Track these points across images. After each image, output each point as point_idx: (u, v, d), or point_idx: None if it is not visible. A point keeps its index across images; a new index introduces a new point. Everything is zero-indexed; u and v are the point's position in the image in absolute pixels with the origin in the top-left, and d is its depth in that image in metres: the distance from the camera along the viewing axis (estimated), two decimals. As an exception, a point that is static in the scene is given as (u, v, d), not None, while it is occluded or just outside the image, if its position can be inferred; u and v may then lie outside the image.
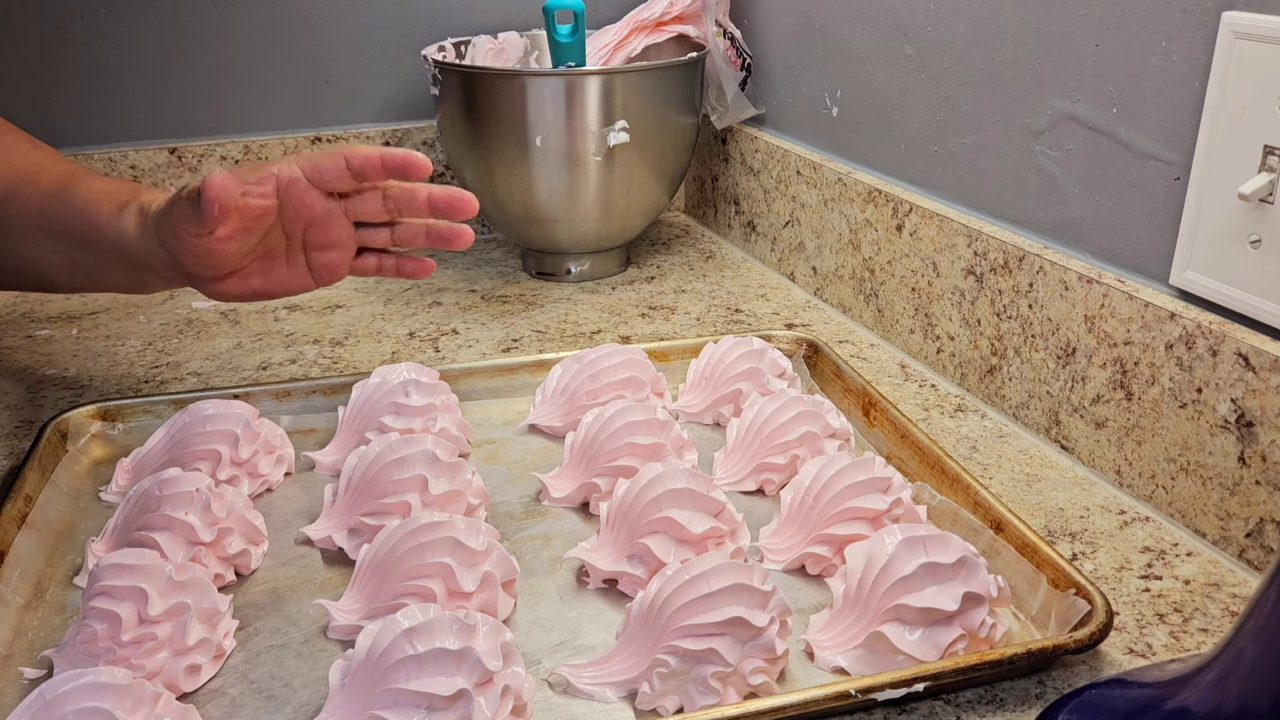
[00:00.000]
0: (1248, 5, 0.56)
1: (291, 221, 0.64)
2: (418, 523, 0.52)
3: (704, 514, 0.56)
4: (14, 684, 0.50)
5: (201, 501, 0.56)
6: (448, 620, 0.45)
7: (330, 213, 0.65)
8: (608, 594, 0.56)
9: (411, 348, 0.86)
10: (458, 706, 0.44)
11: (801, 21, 0.96)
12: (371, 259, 0.68)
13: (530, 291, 0.98)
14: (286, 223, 0.64)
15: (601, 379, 0.70)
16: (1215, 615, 0.54)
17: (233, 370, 0.82)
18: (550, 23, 0.96)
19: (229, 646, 0.51)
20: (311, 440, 0.71)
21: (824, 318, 0.91)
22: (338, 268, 0.67)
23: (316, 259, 0.67)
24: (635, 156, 0.93)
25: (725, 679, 0.47)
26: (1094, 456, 0.66)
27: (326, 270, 0.67)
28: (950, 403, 0.76)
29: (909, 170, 0.84)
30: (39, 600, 0.55)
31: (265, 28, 1.05)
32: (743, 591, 0.48)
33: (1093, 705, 0.45)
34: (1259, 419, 0.55)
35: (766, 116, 1.04)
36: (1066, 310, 0.67)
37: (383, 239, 0.68)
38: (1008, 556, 0.55)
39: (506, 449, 0.70)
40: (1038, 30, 0.69)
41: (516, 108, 0.90)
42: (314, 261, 0.67)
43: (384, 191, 0.66)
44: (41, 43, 1.00)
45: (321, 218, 0.65)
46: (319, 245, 0.66)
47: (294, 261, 0.66)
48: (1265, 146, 0.55)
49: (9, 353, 0.86)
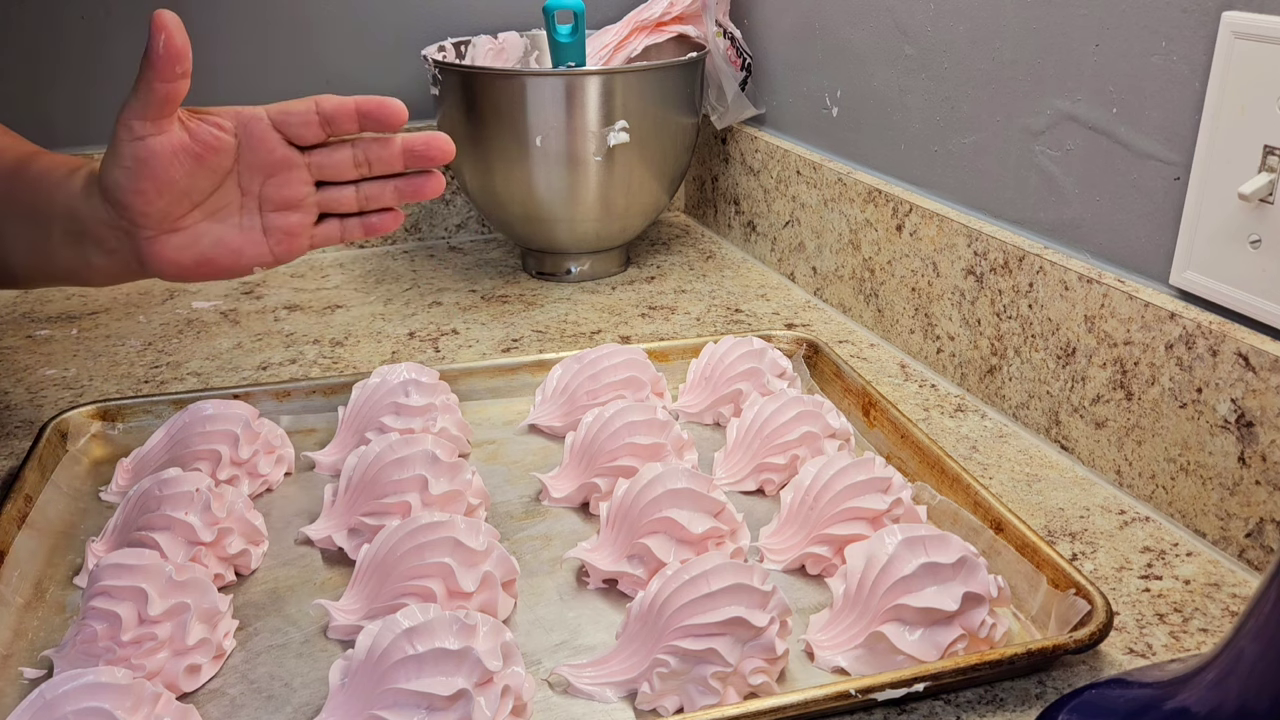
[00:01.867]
0: (1248, 5, 0.56)
1: (249, 170, 0.60)
2: (418, 523, 0.52)
3: (704, 514, 0.56)
4: (14, 684, 0.49)
5: (201, 501, 0.56)
6: (448, 620, 0.45)
7: (291, 163, 0.60)
8: (608, 594, 0.56)
9: (411, 348, 0.86)
10: (458, 706, 0.44)
11: (801, 21, 0.96)
12: (334, 225, 0.63)
13: (530, 291, 0.98)
14: (244, 171, 0.60)
15: (601, 379, 0.70)
16: (1215, 615, 0.54)
17: (233, 370, 0.82)
18: (550, 23, 0.96)
19: (229, 646, 0.51)
20: (311, 440, 0.71)
21: (824, 318, 0.91)
22: (296, 234, 0.62)
23: (274, 221, 0.61)
24: (635, 156, 0.93)
25: (725, 679, 0.47)
26: (1094, 456, 0.66)
27: (285, 236, 0.61)
28: (950, 403, 0.76)
29: (909, 170, 0.84)
30: (39, 600, 0.55)
31: (265, 28, 1.05)
32: (743, 591, 0.48)
33: (1093, 705, 0.45)
34: (1259, 419, 0.55)
35: (766, 116, 1.04)
36: (1066, 310, 0.67)
37: (348, 200, 0.62)
38: (1008, 556, 0.55)
39: (506, 449, 0.70)
40: (1038, 30, 0.69)
41: (516, 108, 0.90)
42: (270, 224, 0.61)
43: (353, 144, 0.61)
44: (42, 43, 1.00)
45: (282, 167, 0.60)
46: (277, 204, 0.61)
47: (248, 223, 0.61)
48: (1265, 146, 0.55)
49: (9, 353, 0.86)
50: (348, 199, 0.62)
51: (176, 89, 0.55)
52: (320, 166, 0.61)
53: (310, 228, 0.62)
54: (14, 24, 0.99)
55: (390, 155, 0.61)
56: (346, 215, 0.63)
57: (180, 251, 0.60)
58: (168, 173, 0.57)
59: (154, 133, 0.56)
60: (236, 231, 0.61)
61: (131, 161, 0.56)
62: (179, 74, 0.55)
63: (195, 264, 0.60)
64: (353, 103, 0.59)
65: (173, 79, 0.55)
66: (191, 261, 0.60)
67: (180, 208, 0.59)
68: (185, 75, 0.55)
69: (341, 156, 0.61)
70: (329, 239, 0.63)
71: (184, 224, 0.59)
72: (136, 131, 0.56)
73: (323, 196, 0.62)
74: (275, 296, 0.97)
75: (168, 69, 0.54)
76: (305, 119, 0.59)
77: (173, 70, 0.54)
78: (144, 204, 0.57)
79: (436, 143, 0.60)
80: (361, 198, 0.62)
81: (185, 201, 0.58)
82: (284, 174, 0.60)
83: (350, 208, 0.63)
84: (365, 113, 0.59)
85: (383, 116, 0.59)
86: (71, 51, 1.01)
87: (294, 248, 0.62)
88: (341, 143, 0.61)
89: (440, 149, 0.60)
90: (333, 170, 0.61)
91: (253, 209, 0.61)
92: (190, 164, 0.57)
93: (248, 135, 0.59)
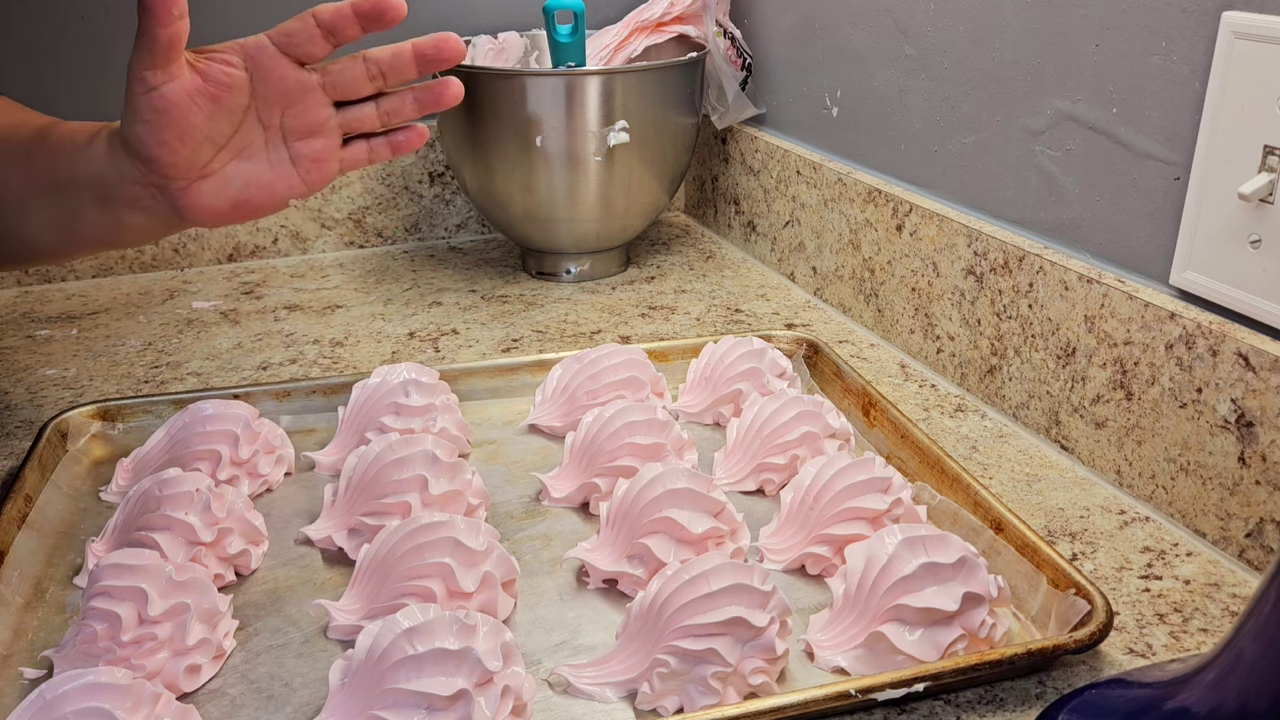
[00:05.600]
0: (1248, 5, 0.56)
1: (266, 103, 0.60)
2: (418, 523, 0.52)
3: (704, 514, 0.56)
4: (14, 684, 0.50)
5: (201, 501, 0.56)
6: (448, 620, 0.45)
7: (307, 86, 0.60)
8: (608, 594, 0.56)
9: (411, 348, 0.86)
10: (458, 706, 0.44)
11: (801, 21, 0.96)
12: (361, 147, 0.63)
13: (530, 291, 0.98)
14: (261, 105, 0.60)
15: (601, 379, 0.70)
16: (1215, 615, 0.54)
17: (233, 370, 0.82)
18: (550, 23, 0.96)
19: (229, 646, 0.51)
20: (311, 440, 0.71)
21: (824, 318, 0.91)
22: (325, 159, 0.61)
23: (300, 150, 0.61)
24: (635, 156, 0.93)
25: (725, 679, 0.47)
26: (1094, 456, 0.66)
27: (314, 164, 0.61)
28: (950, 403, 0.76)
29: (909, 170, 0.84)
30: (39, 600, 0.55)
31: (265, 28, 1.04)
32: (743, 591, 0.48)
33: (1093, 705, 0.45)
34: (1259, 419, 0.55)
35: (766, 116, 1.04)
36: (1066, 310, 0.67)
37: (369, 117, 0.62)
38: (1008, 556, 0.55)
39: (506, 449, 0.70)
40: (1038, 30, 0.69)
41: (516, 108, 0.90)
42: (297, 154, 0.61)
43: (364, 56, 0.60)
44: (42, 43, 1.00)
45: (297, 93, 0.60)
46: (300, 132, 0.61)
47: (276, 158, 0.61)
48: (1265, 146, 0.55)
49: (9, 353, 0.86)
50: (369, 116, 0.62)
51: (177, 31, 0.55)
52: (335, 85, 0.61)
53: (337, 151, 0.62)
54: (14, 24, 0.99)
55: (402, 62, 0.60)
56: (372, 136, 0.63)
57: (215, 197, 0.60)
58: (187, 118, 0.57)
59: (165, 80, 0.56)
60: (266, 167, 0.61)
61: (150, 114, 0.56)
62: (176, 16, 0.54)
63: (232, 206, 0.60)
64: (348, 5, 0.58)
65: (170, 22, 0.54)
66: (228, 205, 0.60)
67: (205, 152, 0.58)
68: (183, 16, 0.55)
69: (355, 72, 0.60)
70: (357, 161, 0.63)
71: (212, 168, 0.59)
72: (149, 82, 0.56)
73: (344, 117, 0.62)
74: (275, 296, 0.97)
75: (164, 12, 0.54)
76: (307, 35, 0.59)
77: (169, 13, 0.54)
78: (170, 154, 0.57)
79: (447, 43, 0.60)
80: (382, 113, 0.62)
81: (209, 145, 0.58)
82: (301, 100, 0.60)
83: (373, 126, 0.62)
84: (361, 12, 0.58)
85: (380, 11, 0.58)
86: (71, 52, 1.01)
87: (324, 174, 0.62)
88: (353, 59, 0.61)
89: (451, 49, 0.60)
90: (348, 87, 0.61)
91: (277, 142, 0.61)
92: (208, 106, 0.57)
93: (257, 67, 0.59)
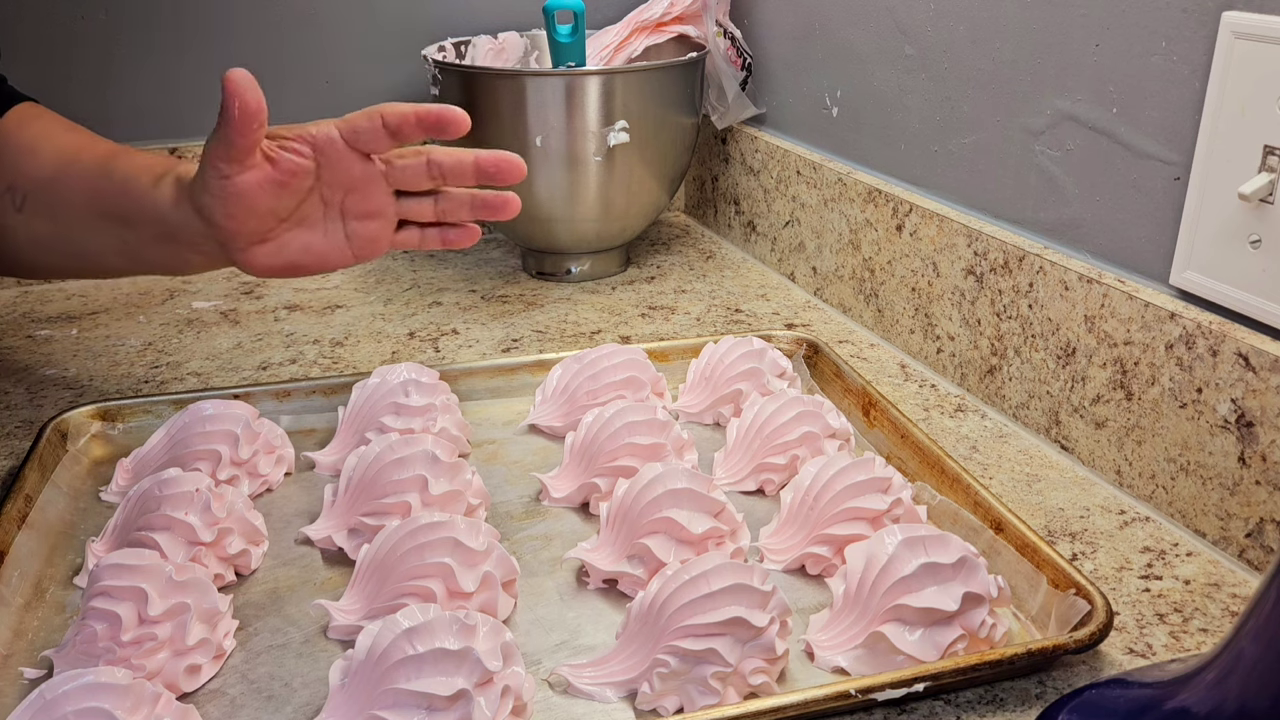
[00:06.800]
0: (1248, 5, 0.56)
1: (330, 187, 0.63)
2: (418, 523, 0.52)
3: (704, 514, 0.56)
4: (14, 684, 0.49)
5: (201, 501, 0.56)
6: (448, 620, 0.45)
7: (370, 177, 0.63)
8: (608, 594, 0.56)
9: (411, 348, 0.86)
10: (458, 706, 0.44)
11: (801, 21, 0.96)
12: (414, 232, 0.66)
13: (530, 291, 0.98)
14: (325, 188, 0.63)
15: (601, 379, 0.70)
16: (1215, 615, 0.54)
17: (233, 370, 0.82)
18: (550, 23, 0.96)
19: (229, 646, 0.51)
20: (311, 440, 0.71)
21: (824, 318, 0.91)
22: (378, 239, 0.65)
23: (355, 229, 0.64)
24: (635, 156, 0.93)
25: (725, 679, 0.47)
26: (1094, 456, 0.66)
27: (366, 242, 0.65)
28: (950, 403, 0.76)
29: (909, 170, 0.84)
30: (39, 600, 0.55)
31: (265, 28, 1.05)
32: (743, 591, 0.48)
33: (1093, 705, 0.45)
34: (1259, 419, 0.55)
35: (766, 116, 1.04)
36: (1066, 310, 0.67)
37: (426, 210, 0.65)
38: (1008, 556, 0.55)
39: (506, 449, 0.70)
40: (1038, 30, 0.69)
41: (516, 108, 0.90)
42: (352, 231, 0.64)
43: (428, 158, 0.63)
44: (42, 43, 1.00)
45: (361, 183, 0.63)
46: (359, 214, 0.64)
47: (331, 231, 0.64)
48: (1265, 146, 0.55)
49: (9, 353, 0.86)
50: (426, 210, 0.65)
51: (255, 139, 0.58)
52: (398, 178, 0.64)
53: (391, 234, 0.66)
54: (14, 25, 0.99)
55: (464, 171, 0.63)
56: (426, 225, 0.66)
57: (270, 258, 0.63)
58: (255, 202, 0.60)
59: (239, 172, 0.59)
60: (321, 237, 0.64)
61: (220, 194, 0.59)
62: (255, 128, 0.57)
63: (285, 266, 0.64)
64: (413, 113, 0.61)
65: (250, 134, 0.57)
66: (281, 265, 0.64)
67: (268, 224, 0.62)
68: (262, 127, 0.58)
69: (418, 169, 0.63)
70: (407, 244, 0.66)
71: (272, 235, 0.63)
72: (223, 172, 0.59)
73: (403, 206, 0.65)
74: (275, 296, 0.97)
75: (245, 128, 0.57)
76: (373, 133, 0.61)
77: (250, 128, 0.57)
78: (235, 226, 0.61)
79: (510, 165, 0.63)
80: (439, 210, 0.66)
81: (272, 219, 0.62)
82: (364, 188, 0.63)
83: (429, 218, 0.66)
84: (426, 124, 0.61)
85: (443, 125, 0.61)
86: (72, 52, 1.01)
87: (375, 251, 0.65)
88: (418, 154, 0.63)
89: (510, 170, 0.63)
90: (409, 181, 0.64)
91: (336, 217, 0.64)
92: (275, 190, 0.60)
93: (324, 156, 0.61)
